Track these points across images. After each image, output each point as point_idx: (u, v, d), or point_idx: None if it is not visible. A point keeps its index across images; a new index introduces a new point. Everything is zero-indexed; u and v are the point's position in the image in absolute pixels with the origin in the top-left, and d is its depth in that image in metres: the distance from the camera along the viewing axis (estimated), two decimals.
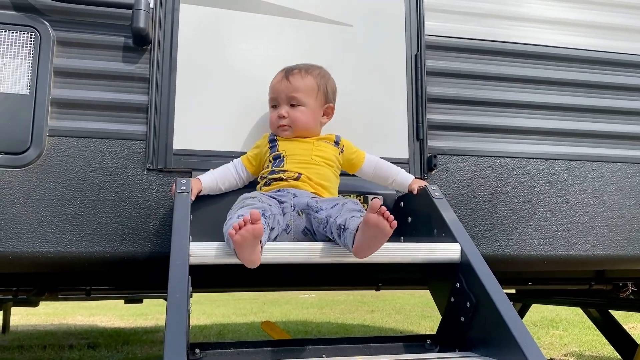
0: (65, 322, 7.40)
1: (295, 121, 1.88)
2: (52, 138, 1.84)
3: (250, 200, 1.65)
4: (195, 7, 2.03)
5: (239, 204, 1.66)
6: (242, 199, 1.70)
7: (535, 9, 2.38)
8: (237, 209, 1.61)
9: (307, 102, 1.90)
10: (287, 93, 1.90)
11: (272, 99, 1.95)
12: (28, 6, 1.89)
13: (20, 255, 1.76)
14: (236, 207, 1.66)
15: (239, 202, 1.68)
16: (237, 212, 1.59)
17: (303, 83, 1.91)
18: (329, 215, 1.61)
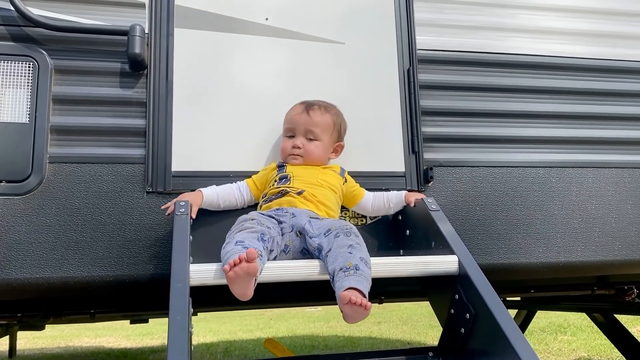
0: (72, 345, 7.39)
1: (308, 153, 1.97)
2: (53, 165, 1.87)
3: (249, 223, 1.67)
4: (189, 31, 2.07)
5: (237, 227, 1.68)
6: (241, 221, 1.71)
7: (524, 19, 2.41)
8: (236, 232, 1.63)
9: (322, 138, 1.99)
10: (306, 126, 1.97)
11: (289, 129, 2.00)
12: (25, 36, 1.93)
13: (23, 282, 1.78)
14: (235, 229, 1.67)
15: (238, 224, 1.70)
16: (235, 236, 1.60)
17: (322, 119, 1.99)
18: (320, 245, 1.64)
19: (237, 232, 1.61)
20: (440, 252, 1.72)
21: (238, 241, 1.55)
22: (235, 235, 1.60)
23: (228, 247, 1.55)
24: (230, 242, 1.58)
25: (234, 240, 1.57)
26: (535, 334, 5.91)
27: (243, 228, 1.64)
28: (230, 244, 1.56)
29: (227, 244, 1.59)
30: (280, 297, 2.57)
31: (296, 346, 6.13)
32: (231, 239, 1.60)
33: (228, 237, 1.64)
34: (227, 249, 1.54)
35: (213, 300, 2.61)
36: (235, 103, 2.07)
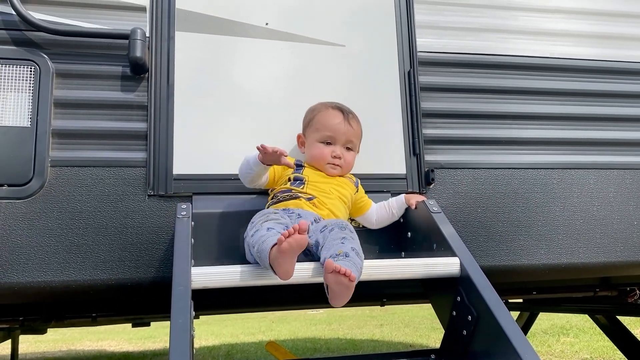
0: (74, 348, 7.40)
1: (347, 164, 1.99)
2: (54, 168, 1.87)
3: (274, 215, 1.70)
4: (190, 35, 2.07)
5: (262, 218, 1.68)
6: (265, 213, 1.73)
7: (524, 21, 2.41)
8: (263, 222, 1.64)
9: (357, 148, 2.04)
10: (348, 136, 1.98)
11: (329, 137, 1.97)
12: (27, 40, 1.93)
13: (25, 285, 1.78)
14: (260, 220, 1.67)
15: (262, 215, 1.71)
16: (262, 225, 1.61)
17: (359, 129, 2.03)
18: (317, 241, 1.64)
19: (264, 222, 1.63)
20: (441, 254, 1.72)
21: (269, 227, 1.58)
22: (263, 224, 1.61)
23: (260, 232, 1.56)
24: (259, 229, 1.59)
25: (263, 227, 1.59)
26: (538, 336, 5.91)
27: (270, 219, 1.66)
28: (260, 230, 1.58)
29: (255, 231, 1.60)
30: (282, 300, 2.57)
31: (298, 349, 6.12)
32: (259, 227, 1.61)
33: (253, 228, 1.65)
34: (260, 233, 1.56)
35: (215, 303, 2.61)
36: (236, 106, 2.08)
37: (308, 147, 2.00)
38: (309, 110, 2.05)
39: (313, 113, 2.03)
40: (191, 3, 2.09)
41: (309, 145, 2.00)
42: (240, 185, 2.00)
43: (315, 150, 1.97)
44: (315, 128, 1.99)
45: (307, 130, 2.03)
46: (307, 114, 2.05)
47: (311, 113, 2.04)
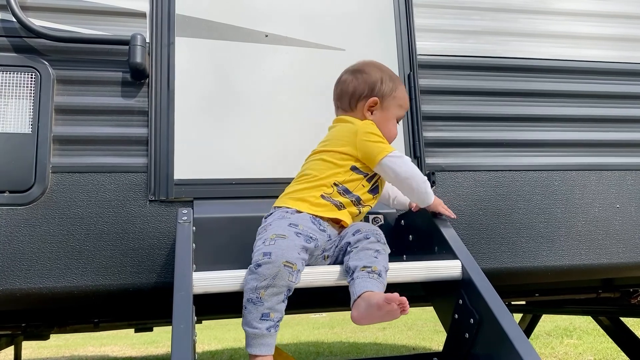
0: (77, 354, 7.39)
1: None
2: (55, 175, 1.88)
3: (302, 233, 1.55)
4: (190, 40, 2.08)
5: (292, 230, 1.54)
6: (293, 225, 1.57)
7: (524, 23, 2.41)
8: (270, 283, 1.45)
9: None
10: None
11: (402, 116, 1.88)
12: (27, 47, 1.94)
13: (27, 291, 1.78)
14: (289, 230, 1.54)
15: (292, 227, 1.56)
16: (268, 291, 1.44)
17: None
18: (348, 242, 1.60)
19: (269, 288, 1.44)
20: (443, 257, 1.71)
21: (264, 315, 1.43)
22: (267, 290, 1.44)
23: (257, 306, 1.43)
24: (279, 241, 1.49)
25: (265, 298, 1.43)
26: (541, 338, 5.89)
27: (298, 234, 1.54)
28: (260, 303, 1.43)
29: (272, 241, 1.49)
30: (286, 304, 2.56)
31: (301, 353, 6.11)
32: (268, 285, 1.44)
33: (274, 231, 1.53)
34: (257, 308, 1.43)
35: (217, 308, 2.61)
36: (237, 111, 2.08)
37: (384, 120, 1.80)
38: (384, 75, 1.84)
39: (394, 83, 1.84)
40: (191, 9, 2.10)
41: (387, 119, 1.81)
42: (241, 190, 2.01)
43: (393, 128, 1.82)
44: (399, 104, 1.84)
45: (387, 99, 1.81)
46: (383, 78, 1.83)
47: (392, 82, 1.83)
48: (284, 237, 1.51)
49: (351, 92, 1.84)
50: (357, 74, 1.85)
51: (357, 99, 1.83)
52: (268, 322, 1.43)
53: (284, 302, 1.46)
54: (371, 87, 1.82)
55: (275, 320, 1.44)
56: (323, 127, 2.11)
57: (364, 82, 1.82)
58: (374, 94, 1.81)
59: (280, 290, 1.44)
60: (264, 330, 1.42)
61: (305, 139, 2.10)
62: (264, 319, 1.42)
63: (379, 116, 1.81)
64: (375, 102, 1.81)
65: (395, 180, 1.72)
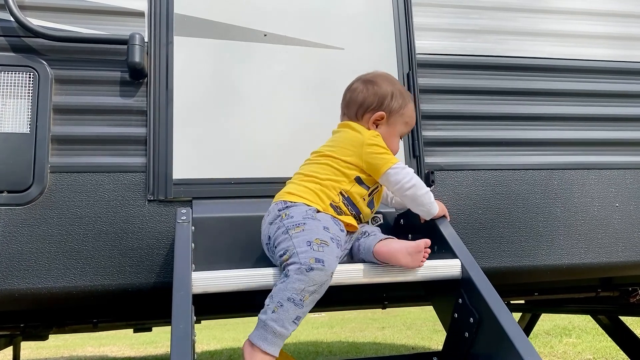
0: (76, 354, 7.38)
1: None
2: (54, 174, 1.87)
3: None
4: (189, 39, 2.07)
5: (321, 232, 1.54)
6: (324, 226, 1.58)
7: (523, 22, 2.41)
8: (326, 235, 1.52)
9: None
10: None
11: (406, 133, 1.92)
12: (25, 47, 1.93)
13: (25, 292, 1.78)
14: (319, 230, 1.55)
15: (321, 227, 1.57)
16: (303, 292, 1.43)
17: None
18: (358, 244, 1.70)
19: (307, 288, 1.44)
20: (442, 256, 1.71)
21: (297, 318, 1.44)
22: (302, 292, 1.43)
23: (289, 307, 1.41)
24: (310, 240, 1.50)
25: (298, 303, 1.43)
26: (541, 337, 5.90)
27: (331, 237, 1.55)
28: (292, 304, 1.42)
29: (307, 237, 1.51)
30: None
31: (300, 352, 6.11)
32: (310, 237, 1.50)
33: (308, 229, 1.54)
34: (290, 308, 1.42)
35: (217, 308, 2.61)
36: (236, 110, 2.08)
37: (388, 136, 1.81)
38: (396, 90, 1.85)
39: (404, 100, 1.85)
40: (189, 8, 2.09)
41: (391, 135, 1.83)
42: (240, 189, 2.00)
43: (396, 144, 1.85)
44: (405, 121, 1.86)
45: (394, 116, 1.83)
46: (394, 93, 1.83)
47: (401, 98, 1.84)
48: (327, 245, 1.51)
49: (360, 102, 1.84)
50: (369, 84, 1.85)
51: (364, 109, 1.83)
52: (295, 326, 1.42)
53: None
54: (380, 101, 1.82)
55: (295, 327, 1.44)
56: (322, 126, 2.11)
57: (374, 94, 1.83)
58: (382, 108, 1.82)
59: (317, 298, 1.46)
60: (289, 333, 1.41)
61: (304, 138, 2.10)
62: (295, 322, 1.42)
63: (383, 130, 1.82)
64: (381, 117, 1.82)
65: (399, 192, 1.74)
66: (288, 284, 1.42)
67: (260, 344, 1.39)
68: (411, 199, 1.74)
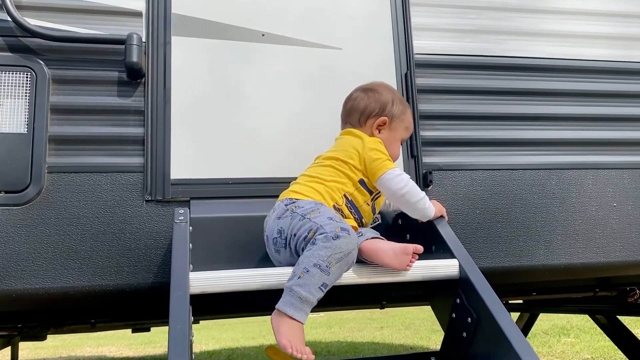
0: (74, 354, 7.38)
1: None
2: (51, 175, 1.87)
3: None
4: (187, 39, 2.07)
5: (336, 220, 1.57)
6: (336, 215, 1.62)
7: (520, 22, 2.41)
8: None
9: None
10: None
11: (406, 136, 1.96)
12: (23, 47, 1.93)
13: (23, 292, 1.77)
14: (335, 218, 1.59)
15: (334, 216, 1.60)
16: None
17: None
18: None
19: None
20: (440, 256, 1.71)
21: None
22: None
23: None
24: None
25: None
26: (539, 337, 5.90)
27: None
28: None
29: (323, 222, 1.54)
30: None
31: None
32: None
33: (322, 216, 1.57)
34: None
35: (215, 308, 2.60)
36: (233, 110, 2.07)
37: (391, 141, 1.87)
38: (395, 97, 1.91)
39: (404, 106, 1.92)
40: (187, 8, 2.09)
41: (393, 141, 1.89)
42: (238, 189, 2.00)
43: (397, 149, 1.91)
44: (405, 126, 1.92)
45: (396, 121, 1.88)
46: (394, 100, 1.90)
47: (402, 105, 1.91)
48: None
49: (362, 108, 1.89)
50: (369, 92, 1.91)
51: (367, 116, 1.88)
52: (321, 293, 1.45)
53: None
54: (382, 107, 1.88)
55: (323, 296, 1.46)
56: (320, 126, 2.11)
57: (376, 100, 1.89)
58: (385, 113, 1.88)
59: (344, 269, 1.51)
60: (315, 300, 1.44)
61: (302, 138, 2.11)
62: (322, 288, 1.45)
63: (386, 135, 1.88)
64: (384, 122, 1.87)
65: (393, 197, 1.78)
66: (314, 252, 1.46)
67: (286, 310, 1.41)
68: (405, 204, 1.78)
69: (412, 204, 1.76)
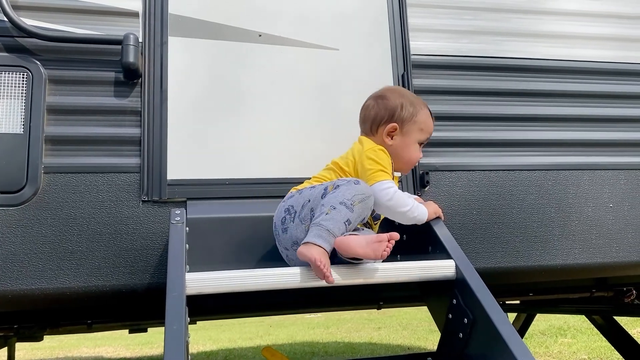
0: (71, 355, 7.36)
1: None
2: (47, 175, 1.86)
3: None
4: (183, 40, 2.07)
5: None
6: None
7: (517, 23, 2.42)
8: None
9: None
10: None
11: (427, 138, 1.95)
12: (19, 47, 1.93)
13: (19, 293, 1.77)
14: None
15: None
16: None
17: None
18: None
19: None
20: (437, 257, 1.72)
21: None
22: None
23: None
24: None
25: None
26: (536, 337, 5.91)
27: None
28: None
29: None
30: (279, 304, 2.56)
31: (296, 353, 6.11)
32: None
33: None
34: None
35: (212, 309, 2.60)
36: (230, 111, 2.07)
37: (404, 145, 1.88)
38: (405, 100, 1.90)
39: (415, 108, 1.90)
40: (184, 8, 2.09)
41: (408, 144, 1.88)
42: (235, 190, 2.00)
43: (415, 152, 1.90)
44: (419, 128, 1.90)
45: (407, 125, 1.88)
46: (403, 104, 1.89)
47: (412, 107, 1.90)
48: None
49: (372, 117, 1.91)
50: (379, 99, 1.93)
51: (378, 124, 1.90)
52: (345, 228, 1.57)
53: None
54: (391, 113, 1.88)
55: (347, 231, 1.58)
56: (317, 126, 2.11)
57: (385, 108, 1.90)
58: (394, 119, 1.88)
59: (365, 211, 1.63)
60: (339, 233, 1.56)
61: (298, 138, 2.11)
62: (346, 223, 1.57)
63: (399, 141, 1.88)
64: (394, 128, 1.88)
65: (380, 209, 1.78)
66: (338, 192, 1.60)
67: (315, 241, 1.53)
68: (394, 215, 1.79)
69: (401, 214, 1.77)
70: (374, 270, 1.63)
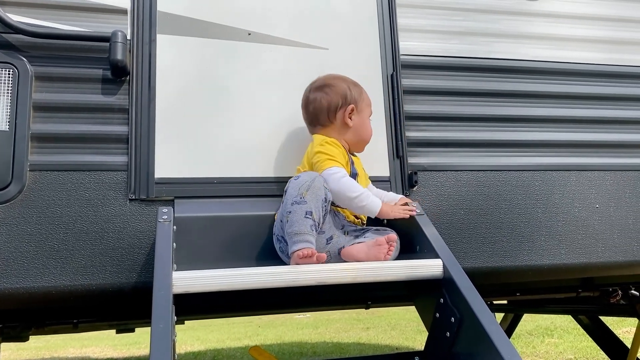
0: (57, 355, 7.29)
1: None
2: (34, 173, 1.84)
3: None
4: (172, 37, 2.06)
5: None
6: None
7: (506, 24, 2.43)
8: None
9: None
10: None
11: (371, 111, 2.04)
12: (5, 43, 1.90)
13: (3, 292, 1.75)
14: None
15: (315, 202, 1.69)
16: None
17: None
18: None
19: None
20: (424, 256, 1.72)
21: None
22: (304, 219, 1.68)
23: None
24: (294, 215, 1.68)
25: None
26: (523, 337, 5.95)
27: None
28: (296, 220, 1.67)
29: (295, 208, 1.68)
30: (268, 304, 2.55)
31: (284, 353, 6.10)
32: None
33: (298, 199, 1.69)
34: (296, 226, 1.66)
35: (200, 308, 2.59)
36: (219, 109, 2.06)
37: (361, 124, 1.98)
38: (348, 83, 1.99)
39: (357, 87, 2.00)
40: (173, 6, 2.08)
41: (363, 122, 1.99)
42: (223, 189, 1.99)
43: (369, 128, 2.01)
44: (367, 104, 2.01)
45: (360, 103, 1.98)
46: (349, 86, 1.98)
47: (355, 86, 2.00)
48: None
49: (326, 107, 1.96)
50: (325, 88, 1.98)
51: (334, 111, 1.96)
52: (310, 220, 1.64)
53: (324, 211, 1.69)
54: (344, 97, 1.97)
55: (316, 221, 1.65)
56: (305, 126, 2.10)
57: (336, 93, 1.97)
58: (349, 101, 1.97)
59: (319, 194, 1.67)
60: (307, 228, 1.63)
61: (287, 138, 2.10)
62: (307, 217, 1.64)
63: (357, 120, 1.97)
64: (352, 109, 1.96)
65: (334, 196, 1.79)
66: (288, 196, 1.73)
67: (292, 249, 1.65)
68: (344, 201, 1.81)
69: (349, 200, 1.79)
70: (361, 269, 1.63)
